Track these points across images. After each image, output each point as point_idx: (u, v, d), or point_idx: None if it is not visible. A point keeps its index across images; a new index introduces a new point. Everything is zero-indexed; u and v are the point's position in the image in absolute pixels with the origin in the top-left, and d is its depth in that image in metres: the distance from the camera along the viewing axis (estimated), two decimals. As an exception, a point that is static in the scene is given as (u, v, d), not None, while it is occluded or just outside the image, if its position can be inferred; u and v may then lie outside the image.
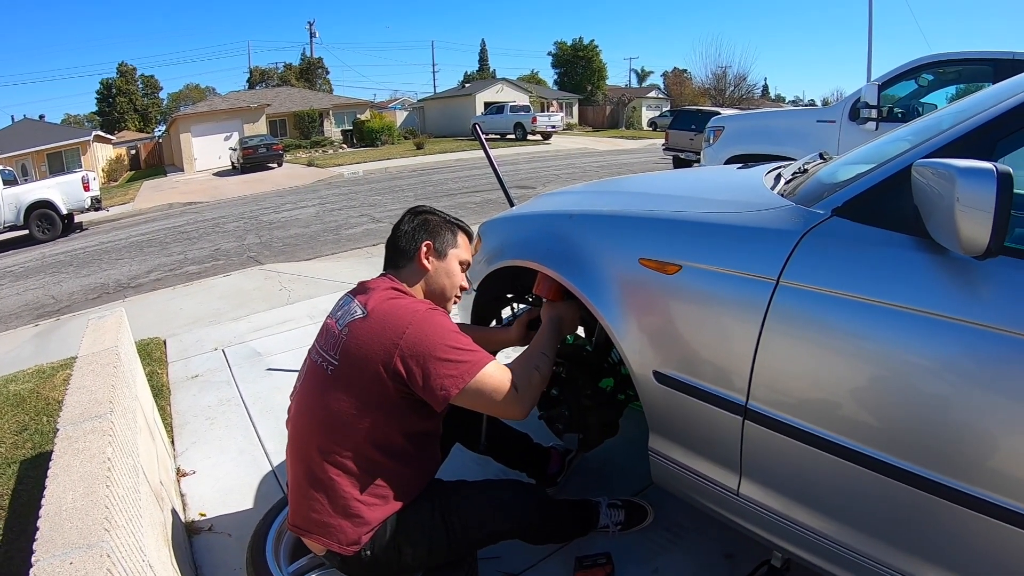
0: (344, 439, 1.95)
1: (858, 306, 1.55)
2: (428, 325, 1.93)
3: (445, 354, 1.90)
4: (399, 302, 2.01)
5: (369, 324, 1.95)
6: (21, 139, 35.94)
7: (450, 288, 2.24)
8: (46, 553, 1.47)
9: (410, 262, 2.19)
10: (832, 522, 1.70)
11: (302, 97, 46.15)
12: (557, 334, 2.34)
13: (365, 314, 1.98)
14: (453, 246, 2.25)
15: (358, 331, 1.96)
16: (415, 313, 1.95)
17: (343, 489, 1.95)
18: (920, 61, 6.44)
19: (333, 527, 1.96)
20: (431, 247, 2.19)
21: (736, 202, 2.10)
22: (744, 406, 1.80)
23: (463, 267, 2.29)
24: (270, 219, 14.81)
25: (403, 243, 2.20)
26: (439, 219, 2.27)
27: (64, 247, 14.97)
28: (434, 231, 2.22)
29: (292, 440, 2.12)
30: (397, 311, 1.96)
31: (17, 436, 3.81)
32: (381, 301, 2.01)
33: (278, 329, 5.72)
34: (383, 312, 1.97)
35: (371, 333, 1.93)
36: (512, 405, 2.00)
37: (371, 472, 1.98)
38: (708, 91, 51.65)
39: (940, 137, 1.63)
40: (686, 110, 21.57)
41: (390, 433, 1.98)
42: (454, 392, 1.90)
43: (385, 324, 1.93)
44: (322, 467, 1.96)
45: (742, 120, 8.69)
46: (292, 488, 2.09)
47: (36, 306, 9.03)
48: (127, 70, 64.55)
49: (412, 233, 2.20)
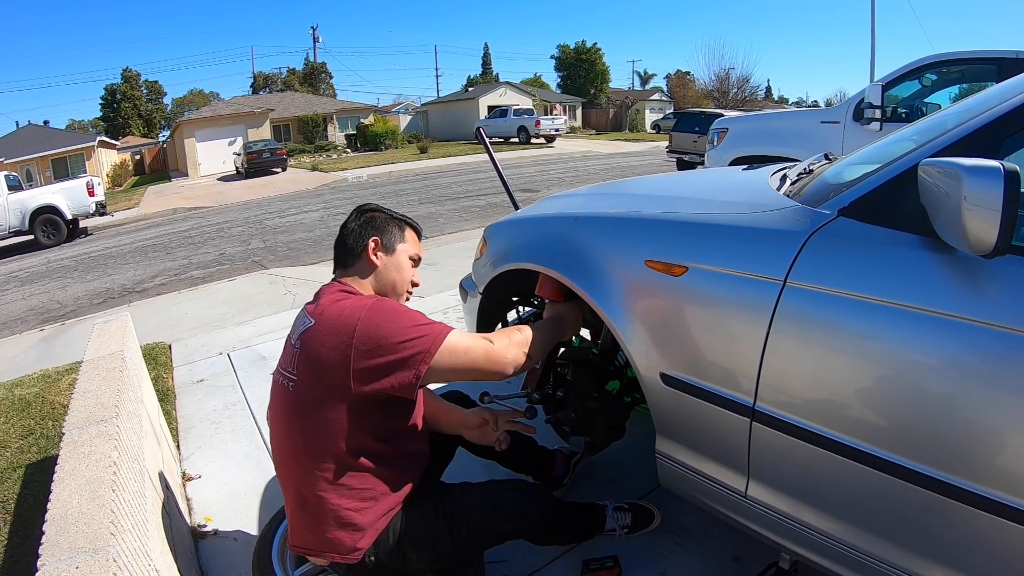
0: (320, 454, 1.92)
1: (865, 306, 1.55)
2: (377, 314, 1.90)
3: (403, 336, 1.87)
4: (345, 302, 1.98)
5: (318, 331, 1.93)
6: (26, 145, 36.03)
7: (401, 283, 2.21)
8: (52, 557, 1.46)
9: (358, 259, 2.16)
10: (840, 523, 1.70)
11: (306, 102, 46.22)
12: (556, 329, 2.34)
13: (313, 322, 1.96)
14: (401, 241, 2.23)
15: (309, 340, 1.94)
16: (362, 307, 1.92)
17: (331, 502, 1.93)
18: (923, 61, 6.42)
19: (331, 541, 1.95)
20: (379, 243, 2.17)
21: (742, 203, 2.09)
22: (752, 408, 1.79)
23: (413, 262, 2.27)
24: (274, 224, 14.84)
25: (351, 241, 2.18)
26: (386, 216, 2.25)
27: (69, 252, 15.00)
28: (381, 227, 2.20)
29: (276, 464, 2.13)
30: (344, 311, 1.93)
31: (22, 440, 3.81)
32: (328, 305, 1.99)
33: (283, 333, 5.60)
34: (330, 315, 1.94)
35: (322, 339, 1.91)
36: (491, 360, 2.02)
37: (355, 479, 1.95)
38: (711, 93, 51.56)
39: (946, 136, 1.63)
40: (690, 112, 21.58)
41: (361, 438, 1.94)
42: (423, 369, 1.88)
43: (334, 326, 1.90)
44: (307, 485, 1.95)
45: (746, 122, 8.70)
46: (288, 511, 2.09)
47: (41, 311, 9.04)
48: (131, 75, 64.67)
49: (359, 231, 2.19)
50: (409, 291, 2.27)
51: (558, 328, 2.36)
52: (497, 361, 2.04)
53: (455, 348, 1.94)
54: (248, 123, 39.14)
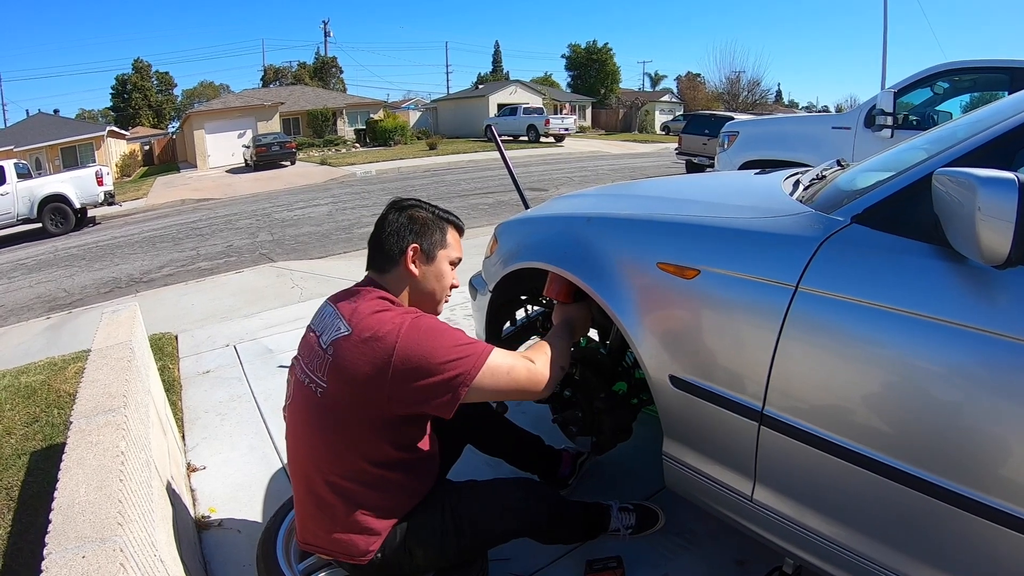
0: (340, 461, 1.90)
1: (877, 313, 1.54)
2: (417, 333, 1.82)
3: (443, 357, 1.81)
4: (384, 316, 1.87)
5: (354, 343, 1.84)
6: (35, 133, 36.18)
7: (440, 291, 2.12)
8: (58, 547, 1.47)
9: (395, 267, 2.04)
10: (847, 529, 1.69)
11: (316, 96, 46.28)
12: (569, 332, 2.34)
13: (349, 331, 1.86)
14: (442, 246, 2.10)
15: (344, 352, 1.85)
16: (402, 324, 1.83)
17: (347, 507, 1.92)
18: (936, 69, 6.39)
19: (343, 542, 1.94)
20: (418, 251, 2.03)
21: (755, 207, 2.09)
22: (760, 412, 1.79)
23: (453, 265, 2.16)
24: (283, 217, 14.86)
25: (388, 244, 2.03)
26: (426, 214, 2.10)
27: (77, 241, 15.06)
28: (422, 230, 2.05)
29: (290, 461, 2.10)
30: (383, 326, 1.83)
31: (28, 428, 3.82)
32: (365, 315, 1.88)
33: (290, 327, 5.71)
34: (368, 328, 1.84)
35: (359, 354, 1.82)
36: (532, 380, 1.99)
37: (372, 486, 1.94)
38: (721, 96, 51.47)
39: (960, 146, 1.63)
40: (699, 114, 21.56)
41: (384, 448, 1.91)
42: (463, 392, 1.83)
43: (373, 343, 1.81)
44: (323, 488, 1.93)
45: (757, 125, 8.66)
46: (297, 507, 2.07)
47: (48, 299, 9.08)
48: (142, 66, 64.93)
49: (397, 233, 2.03)
50: (448, 295, 2.18)
51: (570, 331, 2.35)
52: (538, 381, 2.01)
53: (496, 370, 1.90)
54: (258, 116, 39.21)
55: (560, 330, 2.32)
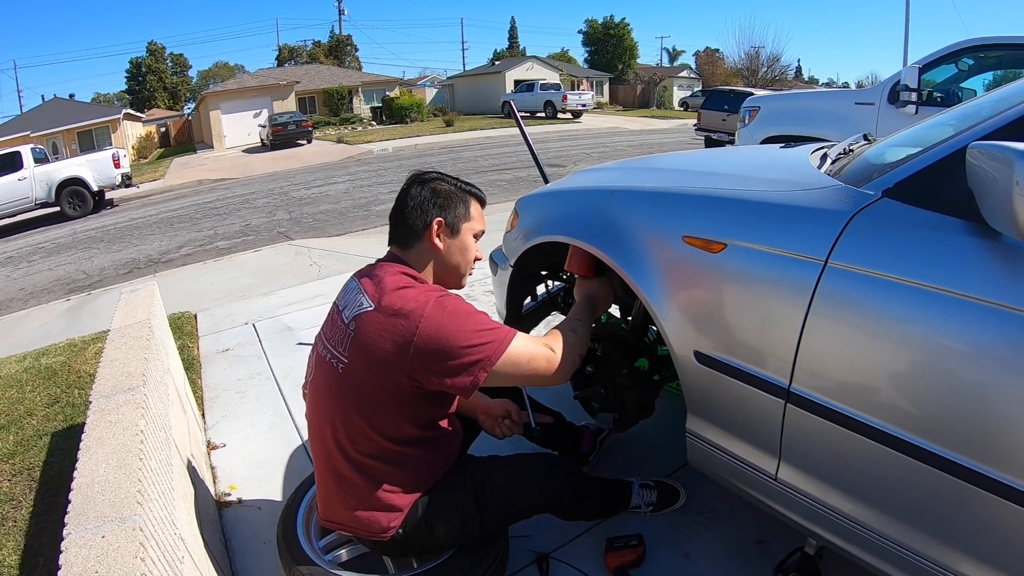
0: (361, 437, 1.90)
1: (907, 290, 1.50)
2: (441, 315, 1.80)
3: (466, 341, 1.79)
4: (408, 292, 1.85)
5: (377, 319, 1.82)
6: (52, 118, 36.31)
7: (464, 264, 2.09)
8: (78, 526, 1.45)
9: (419, 241, 2.01)
10: (870, 510, 1.66)
11: (331, 74, 46.23)
12: (591, 309, 2.31)
13: (373, 307, 1.85)
14: (466, 219, 2.06)
15: (367, 327, 1.83)
16: (426, 303, 1.81)
17: (369, 485, 1.92)
18: (961, 45, 6.25)
19: (365, 520, 1.94)
20: (443, 224, 2.00)
21: (782, 180, 2.05)
22: (787, 389, 1.75)
23: (477, 238, 2.12)
24: (300, 195, 14.90)
25: (411, 219, 2.00)
26: (449, 187, 2.06)
27: (95, 223, 15.17)
28: (445, 203, 2.01)
29: (312, 438, 2.08)
30: (406, 303, 1.81)
31: (48, 408, 3.85)
32: (389, 291, 1.86)
33: (309, 304, 5.72)
34: (391, 305, 1.82)
35: (381, 330, 1.81)
36: (550, 369, 1.96)
37: (395, 464, 1.94)
38: (740, 71, 51.09)
39: (995, 119, 1.57)
40: (718, 90, 21.30)
41: (405, 426, 1.91)
42: (483, 376, 1.81)
43: (396, 320, 1.80)
44: (345, 466, 1.93)
45: (778, 101, 8.54)
46: (319, 485, 2.07)
47: (68, 281, 9.16)
48: (156, 49, 64.99)
49: (421, 207, 1.99)
50: (472, 269, 2.16)
51: (592, 308, 2.32)
52: (556, 370, 1.97)
53: (518, 357, 1.88)
54: (273, 95, 39.18)
55: (582, 308, 2.29)
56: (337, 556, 2.25)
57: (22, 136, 30.62)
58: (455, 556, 2.10)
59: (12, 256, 12.36)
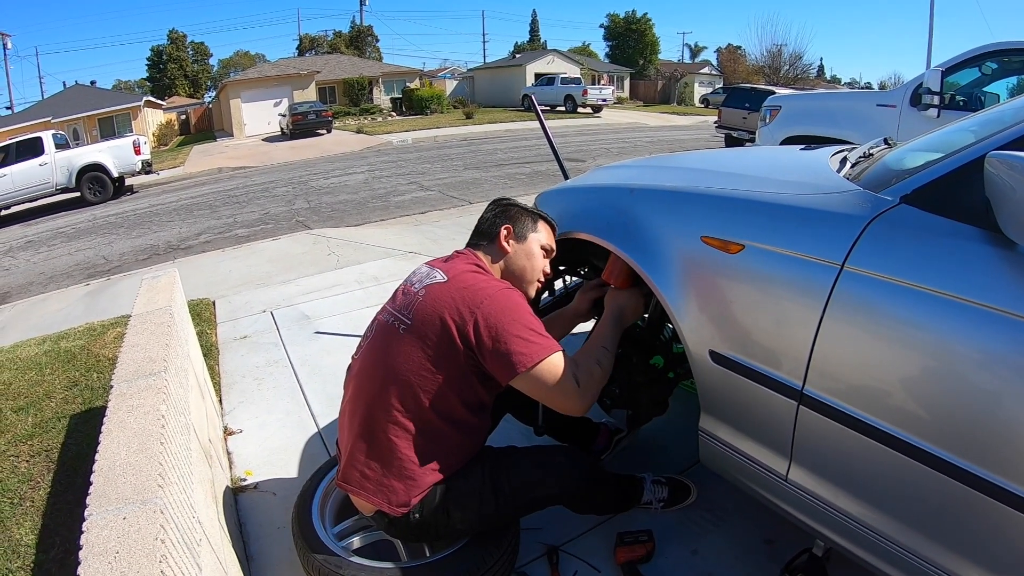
0: (408, 401, 1.96)
1: (922, 296, 1.50)
2: (507, 300, 1.98)
3: (518, 331, 1.93)
4: (481, 276, 2.08)
5: (449, 288, 2.00)
6: (73, 104, 36.45)
7: (531, 270, 2.30)
8: (99, 508, 1.48)
9: (491, 243, 2.28)
10: (880, 514, 1.67)
11: (351, 65, 46.21)
12: (619, 325, 2.33)
13: (446, 279, 2.04)
14: (533, 231, 2.32)
15: (437, 292, 2.01)
16: (495, 287, 2.01)
17: (401, 451, 1.97)
18: (985, 48, 6.17)
19: (385, 487, 1.98)
20: (511, 231, 2.27)
21: (802, 183, 2.05)
22: (800, 391, 1.76)
23: (545, 253, 2.35)
24: (319, 185, 14.94)
25: (485, 227, 2.31)
26: (519, 209, 2.35)
27: (115, 209, 15.27)
28: (515, 218, 2.31)
29: (353, 397, 2.12)
30: (478, 283, 2.02)
31: (67, 391, 3.89)
32: (463, 271, 2.08)
33: (327, 293, 5.76)
34: (464, 281, 2.02)
35: (449, 296, 1.98)
36: (571, 399, 2.00)
37: (430, 437, 1.99)
38: (762, 69, 50.76)
39: (1015, 128, 1.57)
40: (740, 88, 21.22)
41: (451, 399, 2.00)
42: (521, 370, 1.91)
43: (465, 290, 1.98)
44: (383, 427, 1.98)
45: (800, 100, 8.47)
46: (346, 444, 2.10)
47: (87, 266, 9.24)
48: (177, 37, 65.14)
49: (493, 219, 2.31)
50: (540, 280, 2.36)
51: (620, 321, 2.35)
52: (577, 402, 2.03)
53: (553, 372, 1.96)
54: (294, 85, 39.26)
55: (609, 325, 2.31)
56: (350, 543, 2.27)
57: (43, 122, 30.79)
58: (468, 545, 2.12)
59: (33, 240, 12.47)
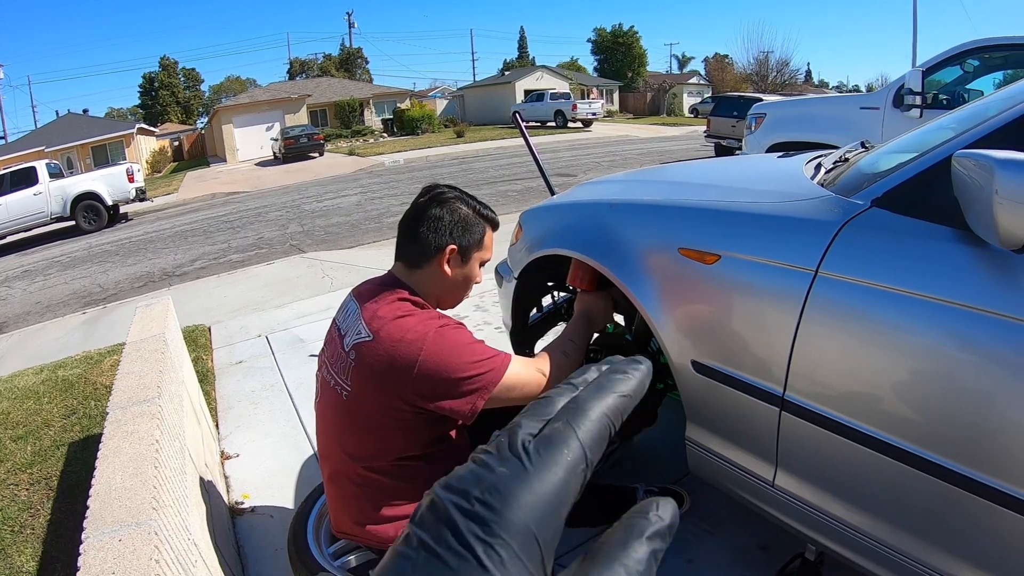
0: (369, 457, 1.93)
1: (896, 298, 1.52)
2: (441, 347, 1.80)
3: (464, 372, 1.81)
4: (407, 322, 1.84)
5: (377, 350, 1.81)
6: (66, 133, 36.55)
7: (465, 289, 2.11)
8: (96, 530, 1.52)
9: (428, 263, 1.99)
10: (867, 517, 1.68)
11: (342, 87, 46.40)
12: (587, 324, 2.32)
13: (371, 337, 1.83)
14: (478, 248, 2.05)
15: (366, 357, 1.83)
16: (426, 336, 1.80)
17: (377, 500, 1.95)
18: (966, 46, 6.24)
19: (374, 532, 1.97)
20: (455, 252, 1.98)
21: (775, 192, 2.08)
22: (781, 397, 1.78)
23: (482, 265, 2.12)
24: (312, 208, 14.97)
25: (424, 239, 1.97)
26: (467, 210, 2.02)
27: (110, 237, 15.29)
28: (462, 231, 2.00)
29: (321, 456, 2.12)
30: (405, 335, 1.81)
31: (66, 420, 3.91)
32: (387, 321, 1.84)
33: (321, 316, 5.78)
34: (390, 336, 1.81)
35: (380, 361, 1.81)
36: (543, 390, 1.99)
37: (402, 478, 1.95)
38: (750, 77, 50.99)
39: (980, 127, 1.60)
40: (728, 96, 21.28)
41: (410, 447, 1.94)
42: (480, 404, 1.83)
43: (394, 351, 1.79)
44: (352, 483, 1.97)
45: (784, 107, 8.56)
46: (329, 498, 2.11)
47: (83, 294, 9.24)
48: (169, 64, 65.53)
49: (436, 229, 1.97)
50: (469, 292, 2.18)
51: (589, 323, 2.33)
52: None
53: (513, 384, 1.90)
54: (285, 109, 39.39)
55: (577, 324, 2.30)
56: (346, 562, 2.29)
57: (37, 151, 30.93)
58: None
59: (29, 270, 12.49)
